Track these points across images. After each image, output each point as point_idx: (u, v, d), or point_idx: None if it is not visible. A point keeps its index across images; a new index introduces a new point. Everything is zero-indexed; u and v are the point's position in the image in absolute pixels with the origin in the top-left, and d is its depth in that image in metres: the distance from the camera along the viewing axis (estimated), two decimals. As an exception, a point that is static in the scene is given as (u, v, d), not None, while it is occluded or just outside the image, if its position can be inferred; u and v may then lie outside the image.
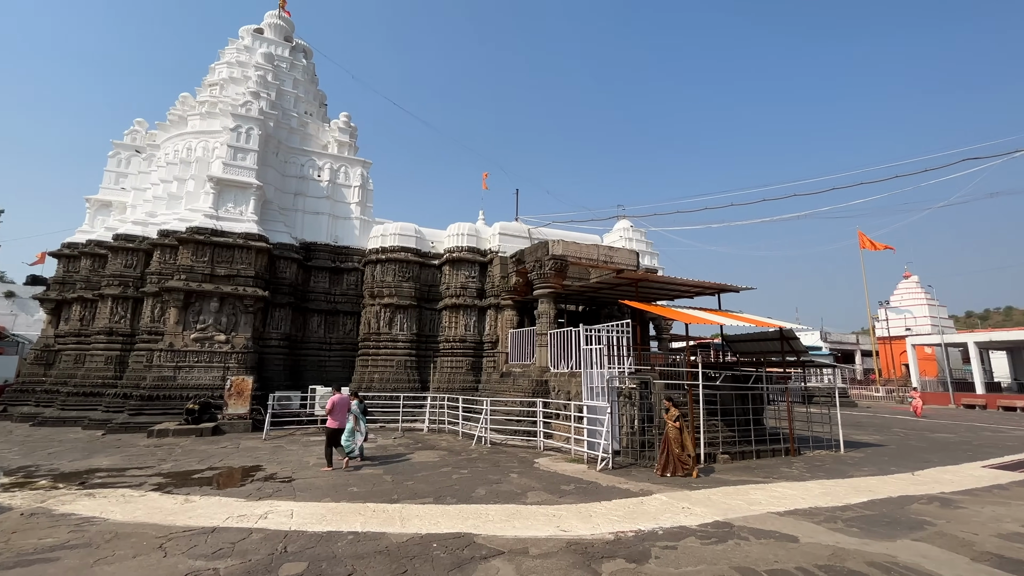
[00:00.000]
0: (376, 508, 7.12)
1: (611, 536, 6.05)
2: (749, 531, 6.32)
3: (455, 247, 20.48)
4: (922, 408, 25.48)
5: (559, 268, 15.33)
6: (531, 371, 15.37)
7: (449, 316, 19.87)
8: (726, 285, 13.94)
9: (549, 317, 15.44)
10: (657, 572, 4.99)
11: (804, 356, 14.92)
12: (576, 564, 5.18)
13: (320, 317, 20.60)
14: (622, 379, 11.45)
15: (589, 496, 7.98)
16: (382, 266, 20.23)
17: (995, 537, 6.22)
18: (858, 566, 5.20)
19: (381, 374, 18.81)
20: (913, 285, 52.09)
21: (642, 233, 25.82)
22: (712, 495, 8.18)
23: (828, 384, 28.36)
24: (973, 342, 34.77)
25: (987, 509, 7.58)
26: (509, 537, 5.97)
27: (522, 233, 20.92)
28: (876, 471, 10.56)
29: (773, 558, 5.40)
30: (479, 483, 8.83)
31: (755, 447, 12.03)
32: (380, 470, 9.93)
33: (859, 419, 22.51)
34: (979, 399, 31.82)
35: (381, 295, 19.81)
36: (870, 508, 7.56)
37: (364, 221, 22.29)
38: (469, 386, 18.64)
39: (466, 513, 6.94)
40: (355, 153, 23.73)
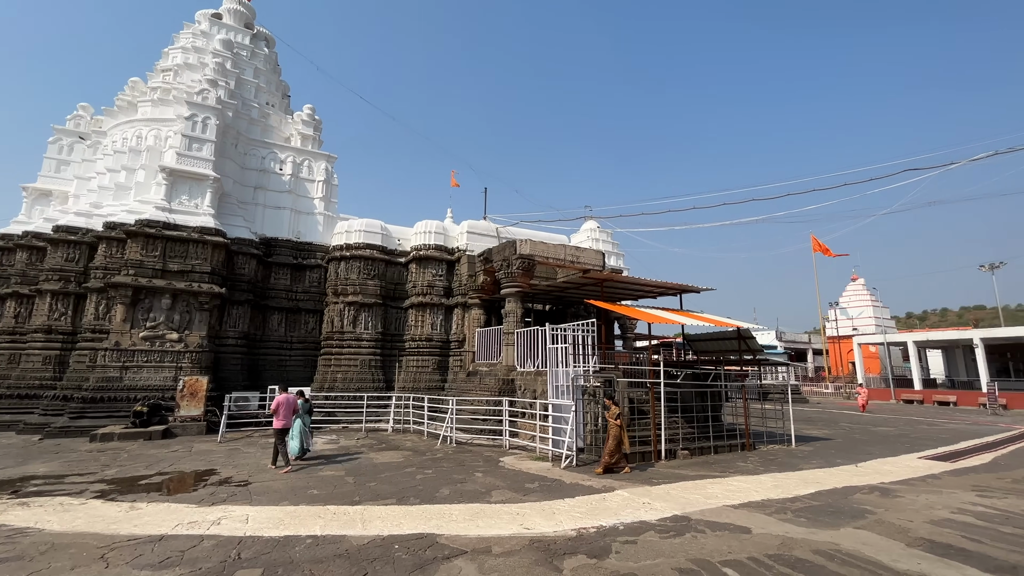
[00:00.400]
0: (337, 510, 6.96)
1: (573, 532, 6.13)
2: (706, 524, 6.54)
3: (422, 245, 20.25)
4: (867, 403, 26.97)
5: (527, 267, 15.40)
6: (498, 370, 15.39)
7: (415, 315, 19.64)
8: (688, 286, 14.34)
9: (516, 316, 15.49)
10: (617, 566, 5.09)
11: (760, 355, 15.55)
12: (538, 561, 5.22)
13: (281, 315, 19.96)
14: (587, 378, 11.62)
15: (553, 494, 8.06)
16: (346, 263, 19.78)
17: (927, 523, 6.66)
18: (804, 554, 5.47)
19: (345, 373, 18.41)
20: (860, 288, 55.15)
21: (608, 234, 26.26)
22: (672, 490, 8.42)
23: (782, 381, 29.65)
24: (912, 341, 37.11)
25: (921, 497, 8.11)
26: (472, 536, 5.96)
27: (490, 232, 20.90)
28: (823, 464, 11.12)
29: (727, 549, 5.60)
30: (443, 483, 8.77)
31: (713, 443, 12.45)
32: (342, 471, 9.71)
33: (810, 415, 23.65)
34: (917, 394, 34.01)
35: (345, 293, 19.38)
36: (817, 499, 7.96)
37: (328, 217, 21.75)
38: (435, 385, 18.48)
39: (429, 513, 6.88)
40: (319, 147, 23.10)
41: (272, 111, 22.95)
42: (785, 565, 5.15)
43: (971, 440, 15.27)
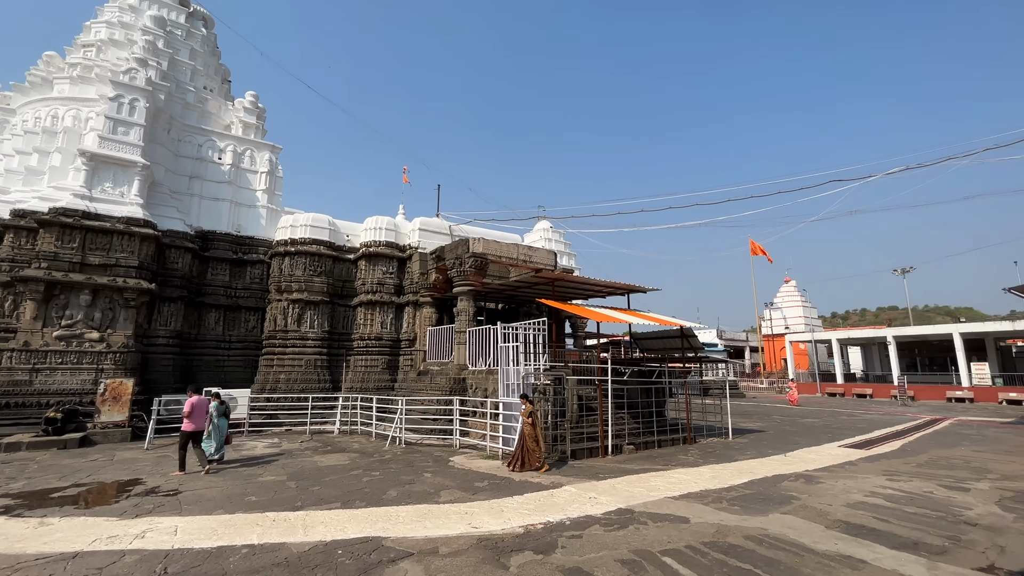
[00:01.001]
0: (277, 517, 6.66)
1: (521, 529, 6.19)
2: (648, 516, 6.79)
3: (372, 241, 19.75)
4: (797, 398, 28.93)
5: (479, 266, 15.37)
6: (449, 369, 15.27)
7: (364, 313, 19.13)
8: (635, 286, 14.82)
9: (468, 315, 15.43)
10: (562, 561, 5.19)
11: (702, 352, 16.33)
12: (486, 559, 5.23)
13: (219, 313, 18.86)
14: (537, 376, 11.75)
15: (502, 492, 8.10)
16: (291, 259, 18.96)
17: (844, 507, 7.25)
18: (737, 540, 5.80)
19: (288, 374, 17.65)
20: (792, 289, 59.07)
21: (561, 234, 26.68)
22: (617, 484, 8.68)
23: (722, 378, 31.29)
24: (835, 339, 40.21)
25: (840, 483, 8.81)
26: (420, 537, 5.89)
27: (443, 230, 20.69)
28: (756, 454, 11.83)
29: (667, 539, 5.85)
30: (391, 484, 8.60)
31: (657, 437, 12.95)
32: (283, 476, 9.31)
33: (746, 408, 25.10)
34: (839, 388, 36.90)
35: (290, 290, 18.57)
36: (750, 488, 8.46)
37: (272, 210, 20.77)
38: (385, 385, 18.09)
39: (375, 516, 6.73)
40: (263, 136, 22.00)
41: (210, 96, 21.61)
42: (719, 551, 5.44)
43: (883, 429, 16.75)
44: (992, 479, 9.13)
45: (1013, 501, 7.59)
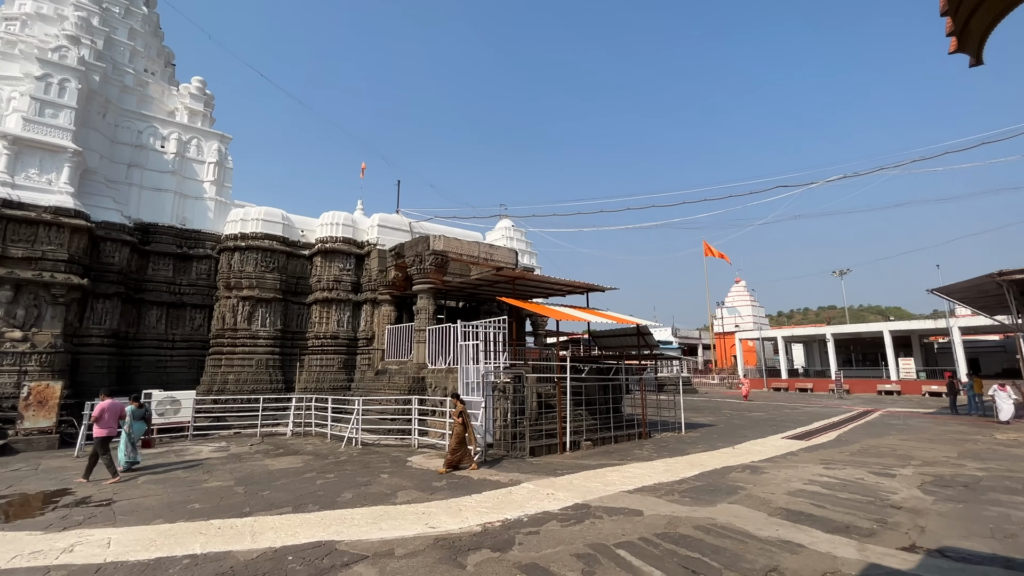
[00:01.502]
0: (222, 524, 6.36)
1: (479, 528, 6.19)
2: (604, 510, 6.94)
3: (329, 237, 19.16)
4: (748, 393, 30.30)
5: (440, 264, 15.22)
6: (408, 368, 15.06)
7: (320, 311, 18.54)
8: (594, 285, 15.10)
9: (428, 313, 15.26)
10: (519, 557, 5.23)
11: (657, 350, 16.84)
12: (442, 559, 5.19)
13: (161, 310, 17.78)
14: (497, 374, 11.77)
15: (460, 491, 8.06)
16: (242, 254, 18.12)
17: (786, 495, 7.67)
18: (687, 530, 6.02)
19: (238, 374, 16.87)
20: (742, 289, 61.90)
21: (522, 233, 26.82)
22: (575, 480, 8.82)
23: (676, 374, 32.40)
24: (781, 337, 42.45)
25: (782, 472, 9.31)
26: (375, 540, 5.77)
27: (403, 226, 20.35)
28: (707, 447, 12.33)
29: (621, 532, 6.00)
30: (346, 487, 8.39)
31: (614, 432, 13.25)
32: (231, 481, 8.90)
33: (699, 404, 26.11)
34: (784, 383, 38.99)
35: (240, 286, 17.75)
36: (700, 480, 8.81)
37: (221, 203, 19.76)
38: (341, 385, 17.62)
39: (329, 520, 6.54)
40: (211, 125, 20.90)
41: (152, 80, 20.32)
42: (670, 542, 5.63)
43: (822, 421, 17.84)
44: (915, 465, 9.91)
45: (933, 485, 8.26)
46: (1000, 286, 15.31)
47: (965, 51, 2.36)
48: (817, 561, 5.03)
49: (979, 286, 16.42)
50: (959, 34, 2.33)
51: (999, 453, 11.17)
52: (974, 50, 2.38)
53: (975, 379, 21.29)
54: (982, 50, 2.39)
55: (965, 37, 2.34)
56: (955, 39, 2.34)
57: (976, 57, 2.39)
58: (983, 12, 2.25)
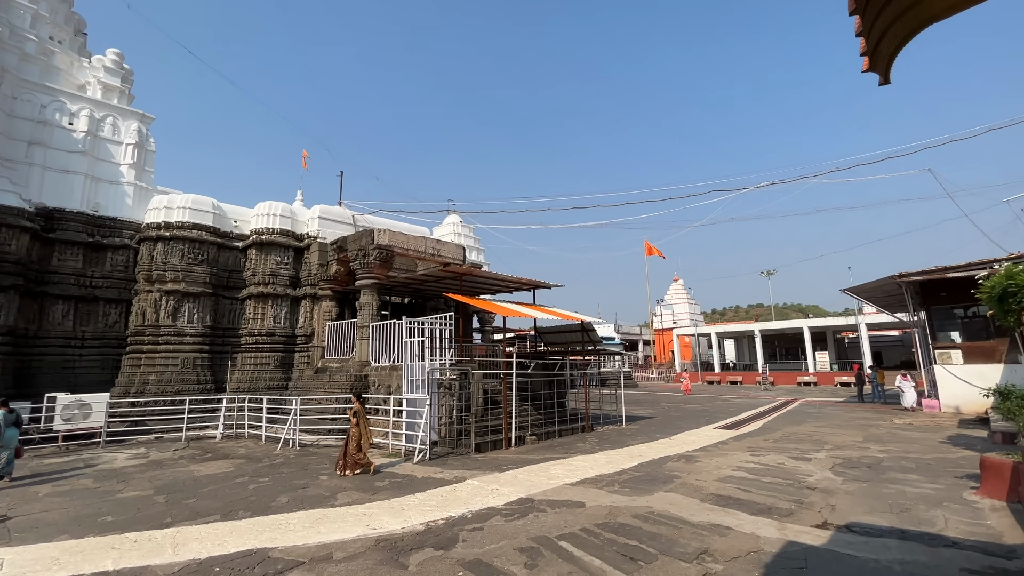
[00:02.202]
0: (139, 537, 5.86)
1: (422, 527, 6.10)
2: (547, 503, 7.05)
3: (265, 228, 18.13)
4: (690, 387, 31.31)
5: (385, 258, 14.83)
6: (350, 365, 14.58)
7: (255, 306, 17.53)
8: (540, 282, 15.29)
9: (372, 309, 14.84)
10: (463, 554, 5.20)
11: (600, 345, 17.34)
12: (384, 561, 5.07)
13: (68, 305, 16.11)
14: (443, 370, 11.65)
15: (404, 490, 7.91)
16: (165, 244, 16.76)
17: (716, 481, 8.14)
18: (626, 519, 6.24)
19: (160, 374, 15.62)
20: (680, 287, 64.99)
21: (471, 229, 26.65)
22: (519, 474, 8.90)
23: (618, 369, 33.50)
24: (714, 333, 45.00)
25: (714, 460, 9.88)
26: (312, 545, 5.54)
27: (345, 219, 19.63)
28: (646, 439, 12.84)
29: (564, 524, 6.12)
30: (282, 490, 8.00)
31: (558, 427, 13.51)
32: (150, 490, 8.23)
33: (639, 397, 27.17)
34: (717, 376, 41.37)
35: (163, 279, 16.42)
36: (639, 470, 9.16)
37: (142, 188, 18.16)
38: (277, 384, 16.77)
39: (262, 526, 6.21)
40: (130, 103, 19.14)
41: (59, 49, 18.30)
42: (610, 531, 5.81)
43: (750, 411, 19.11)
44: (828, 449, 10.84)
45: (842, 467, 9.07)
46: (900, 287, 17.03)
47: (876, 71, 2.58)
48: (743, 542, 5.38)
49: (883, 286, 18.18)
50: (871, 54, 2.53)
51: (897, 436, 12.45)
52: (883, 70, 2.60)
53: (878, 370, 23.62)
54: (889, 70, 2.62)
55: (876, 58, 2.55)
56: (867, 59, 2.54)
57: (884, 76, 2.61)
58: (891, 36, 2.47)
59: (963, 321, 17.43)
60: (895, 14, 2.41)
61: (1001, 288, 7.82)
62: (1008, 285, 7.66)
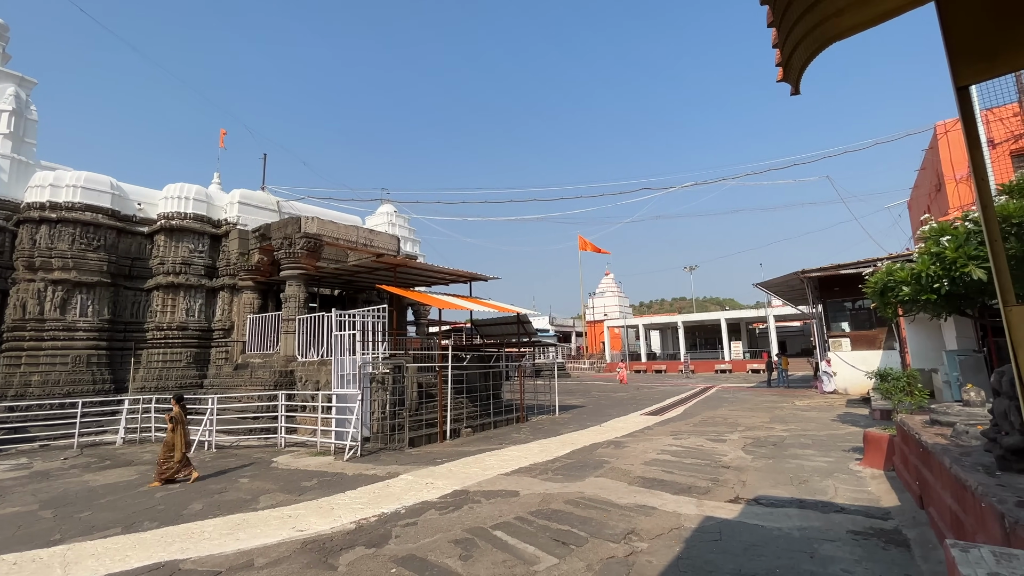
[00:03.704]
0: (19, 558, 5.18)
1: (353, 525, 5.90)
2: (482, 494, 7.08)
3: (175, 212, 16.54)
4: (626, 377, 32.38)
5: (313, 248, 14.08)
6: (274, 361, 13.75)
7: (164, 298, 15.99)
8: (477, 274, 15.25)
9: (299, 301, 14.05)
10: (395, 551, 5.10)
11: (535, 337, 17.62)
12: (311, 563, 4.85)
13: (-76, 296, 13.76)
14: (376, 364, 11.31)
15: (333, 488, 7.61)
16: (51, 227, 14.80)
17: (642, 464, 8.60)
18: (559, 506, 6.42)
19: (45, 375, 13.84)
20: (611, 281, 67.53)
21: (406, 219, 25.99)
22: (454, 467, 8.87)
23: (552, 360, 34.31)
24: (642, 324, 47.37)
25: (640, 445, 10.42)
26: (230, 552, 5.18)
27: (269, 205, 18.40)
28: (578, 427, 13.28)
29: (498, 514, 6.18)
30: (195, 497, 7.40)
31: (493, 418, 13.61)
32: (34, 504, 7.29)
33: (571, 387, 28.01)
34: (643, 366, 43.62)
35: (49, 267, 14.51)
36: (572, 457, 9.45)
37: (19, 162, 15.85)
38: (191, 383, 15.46)
39: (171, 537, 5.70)
40: (5, 63, 16.61)
41: (-92, -8, 15.42)
42: (544, 518, 5.95)
43: (672, 398, 20.35)
44: (740, 431, 11.80)
45: (752, 446, 9.92)
46: (802, 282, 18.90)
47: (788, 81, 2.79)
48: (666, 520, 5.73)
49: (788, 281, 20.06)
50: (784, 66, 2.74)
51: (797, 416, 13.82)
52: (794, 81, 2.82)
53: (783, 358, 26.09)
54: (799, 82, 2.85)
55: (788, 69, 2.76)
56: (781, 70, 2.75)
57: (795, 87, 2.84)
58: (801, 49, 2.68)
59: (851, 313, 19.66)
60: (805, 31, 2.62)
61: (882, 284, 8.88)
62: (888, 281, 8.71)
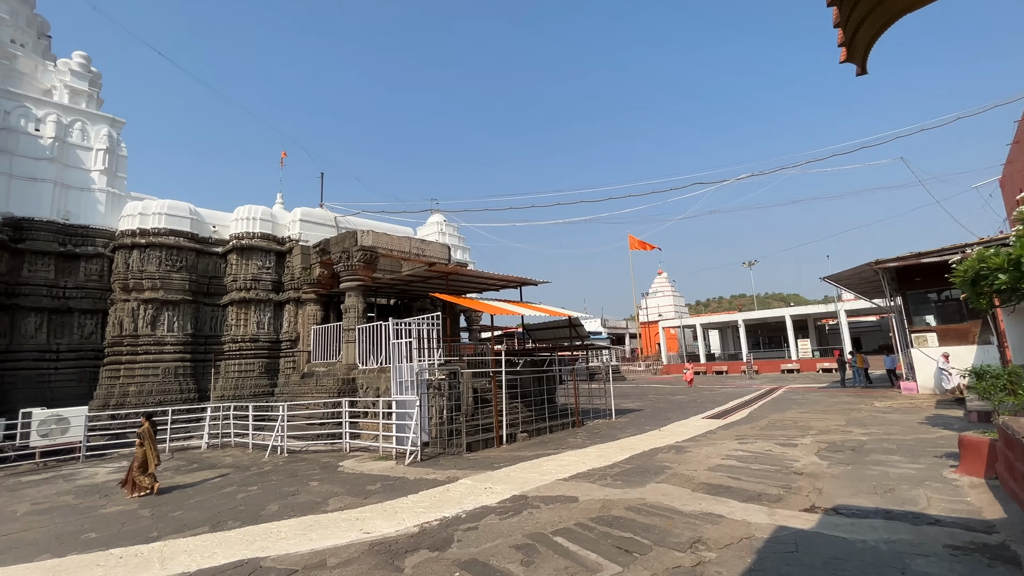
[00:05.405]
0: (124, 553, 5.72)
1: (416, 529, 6.06)
2: (541, 500, 7.07)
3: (245, 232, 17.79)
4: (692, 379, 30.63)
5: (369, 260, 14.68)
6: (337, 369, 14.41)
7: (237, 312, 17.21)
8: (527, 279, 15.30)
9: (357, 311, 14.68)
10: (458, 555, 5.18)
11: (588, 340, 17.42)
12: (378, 565, 5.03)
13: (41, 317, 15.60)
14: (432, 371, 11.59)
15: (396, 492, 7.85)
16: (141, 252, 16.34)
17: (706, 470, 8.25)
18: (620, 512, 6.29)
19: (140, 385, 15.25)
20: (664, 280, 65.61)
21: (455, 228, 26.54)
22: (512, 472, 8.91)
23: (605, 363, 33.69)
24: (699, 324, 45.58)
25: (703, 450, 10.01)
26: (304, 552, 5.47)
27: (327, 221, 19.38)
28: (636, 431, 12.96)
29: (558, 519, 6.14)
30: (271, 498, 7.88)
31: (549, 423, 13.55)
32: (134, 504, 8.04)
33: (627, 390, 27.40)
34: (703, 367, 41.92)
35: (141, 288, 16.02)
36: (631, 463, 9.24)
37: (114, 195, 17.65)
38: (263, 391, 16.51)
39: (252, 536, 6.10)
40: (99, 107, 18.58)
41: (22, 52, 17.66)
42: (604, 524, 5.85)
43: (735, 400, 19.42)
44: (813, 435, 11.06)
45: (827, 451, 9.27)
46: (876, 273, 17.47)
47: (853, 61, 2.62)
48: (734, 529, 5.46)
49: (860, 273, 18.63)
50: (848, 45, 2.57)
51: (878, 419, 12.77)
52: (860, 60, 2.64)
53: (858, 355, 24.20)
54: (866, 61, 2.66)
55: (853, 48, 2.59)
56: (845, 50, 2.58)
57: (862, 67, 2.65)
58: (867, 26, 2.50)
59: (937, 305, 17.95)
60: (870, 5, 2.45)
61: (973, 272, 8.06)
62: (980, 268, 7.90)
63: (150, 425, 9.12)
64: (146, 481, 8.68)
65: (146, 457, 8.74)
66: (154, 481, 8.81)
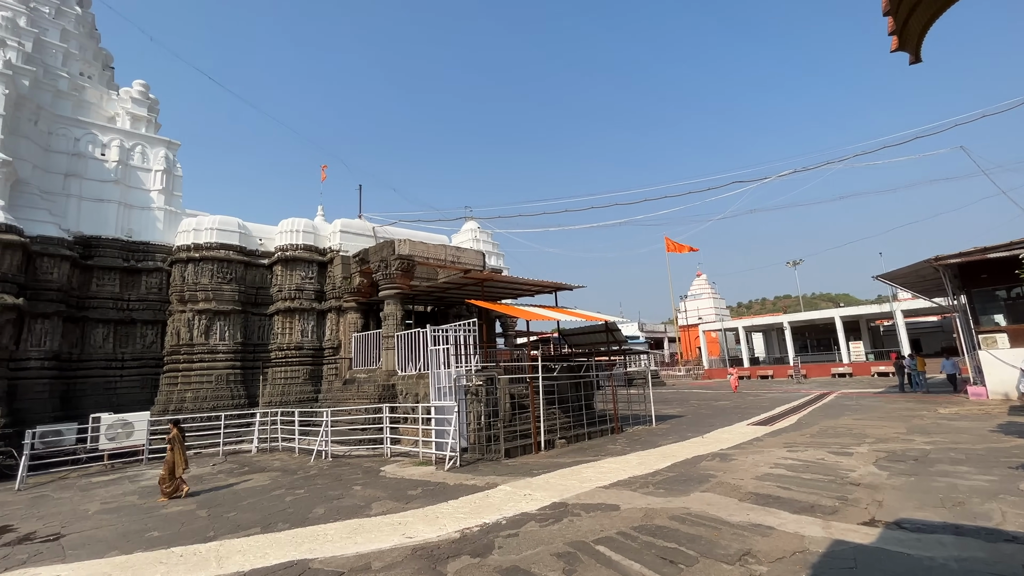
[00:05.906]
0: (185, 551, 6.03)
1: (457, 535, 6.11)
2: (581, 507, 6.98)
3: (289, 245, 18.55)
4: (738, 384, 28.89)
5: (406, 268, 14.99)
6: (377, 376, 14.75)
7: (282, 321, 17.93)
8: (562, 284, 15.22)
9: (396, 319, 15.00)
10: (499, 561, 5.18)
11: (625, 345, 17.14)
12: (422, 569, 5.09)
13: (108, 328, 16.75)
14: (469, 377, 11.68)
15: (437, 497, 7.94)
16: (195, 265, 17.31)
17: (754, 479, 7.93)
18: (663, 521, 6.13)
19: (196, 392, 16.10)
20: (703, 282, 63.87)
21: (489, 234, 26.76)
22: (551, 479, 8.84)
23: (644, 368, 33.03)
24: (741, 327, 44.02)
25: (749, 458, 9.63)
26: (350, 555, 5.61)
27: (366, 231, 19.94)
28: (678, 438, 12.61)
29: (599, 528, 6.05)
30: (318, 502, 8.13)
31: (587, 429, 13.39)
32: (192, 505, 8.47)
33: (667, 396, 26.73)
34: (746, 371, 40.40)
35: (195, 299, 16.95)
36: (673, 470, 9.00)
37: (171, 212, 18.80)
38: (307, 397, 17.09)
39: (300, 537, 6.31)
40: (156, 131, 19.87)
41: (89, 84, 19.13)
42: (647, 534, 5.71)
43: (783, 406, 18.59)
44: (869, 443, 10.45)
45: (887, 460, 8.73)
46: (937, 270, 16.38)
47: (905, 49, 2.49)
48: (786, 542, 5.22)
49: (918, 271, 17.51)
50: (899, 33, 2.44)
51: (943, 427, 11.93)
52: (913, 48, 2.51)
53: (918, 358, 22.69)
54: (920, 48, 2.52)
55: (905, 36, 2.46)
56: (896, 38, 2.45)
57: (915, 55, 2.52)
58: (920, 12, 2.38)
59: (1007, 303, 16.64)
60: (923, -10, 2.32)
61: (1049, 267, 7.43)
62: (1056, 263, 7.28)
63: (178, 431, 9.55)
64: (170, 485, 9.05)
65: (175, 462, 9.18)
66: (182, 483, 9.23)
